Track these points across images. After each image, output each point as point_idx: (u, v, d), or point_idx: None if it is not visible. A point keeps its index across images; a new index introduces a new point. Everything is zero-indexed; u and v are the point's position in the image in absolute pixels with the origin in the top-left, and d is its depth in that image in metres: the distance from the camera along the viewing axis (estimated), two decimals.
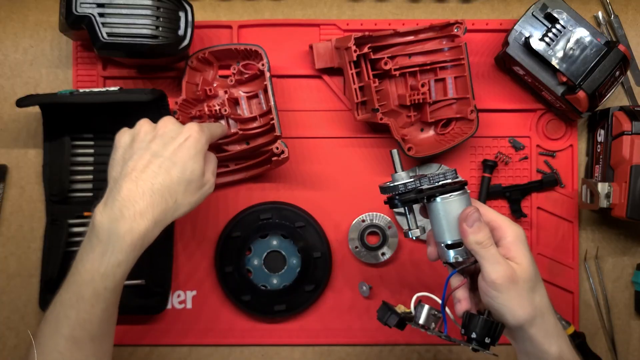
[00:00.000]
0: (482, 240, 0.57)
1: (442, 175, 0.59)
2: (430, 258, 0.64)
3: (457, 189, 0.59)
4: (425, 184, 0.59)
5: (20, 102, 0.76)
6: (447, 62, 0.81)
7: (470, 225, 0.58)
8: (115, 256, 0.58)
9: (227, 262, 0.82)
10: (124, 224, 0.58)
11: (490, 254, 0.57)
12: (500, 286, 0.56)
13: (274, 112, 0.78)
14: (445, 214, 0.59)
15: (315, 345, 0.84)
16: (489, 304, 0.58)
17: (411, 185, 0.59)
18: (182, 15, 0.74)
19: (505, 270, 0.57)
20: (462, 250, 0.60)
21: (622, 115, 0.78)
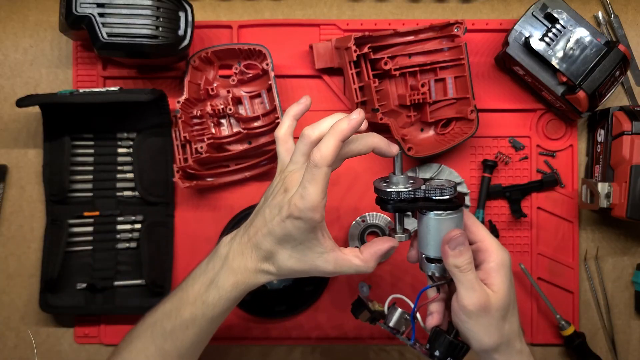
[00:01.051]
0: (461, 264, 0.56)
1: (439, 190, 0.57)
2: (410, 260, 0.62)
3: (452, 208, 0.57)
4: (420, 196, 0.57)
5: (20, 102, 0.76)
6: (447, 62, 0.81)
7: (452, 248, 0.56)
8: (220, 290, 0.59)
9: None
10: (236, 264, 0.59)
11: (467, 279, 0.56)
12: (471, 313, 0.56)
13: (279, 111, 0.78)
14: (434, 229, 0.58)
15: (315, 345, 0.84)
16: (457, 325, 0.58)
17: (405, 195, 0.57)
18: (182, 15, 0.74)
19: (478, 298, 0.56)
20: (441, 267, 0.59)
21: (622, 115, 0.78)
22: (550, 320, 0.84)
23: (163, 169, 0.82)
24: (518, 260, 0.83)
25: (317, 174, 0.53)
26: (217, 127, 0.82)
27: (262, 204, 0.60)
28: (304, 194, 0.53)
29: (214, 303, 0.59)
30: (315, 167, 0.52)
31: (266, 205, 0.58)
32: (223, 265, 0.59)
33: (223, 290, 0.59)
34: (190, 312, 0.60)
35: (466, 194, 0.82)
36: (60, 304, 0.80)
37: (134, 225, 0.82)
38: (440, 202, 0.57)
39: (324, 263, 0.57)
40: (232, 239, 0.61)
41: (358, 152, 0.57)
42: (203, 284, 0.60)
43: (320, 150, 0.53)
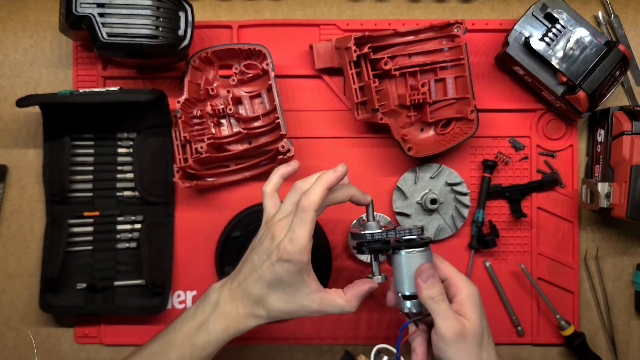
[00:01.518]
0: (434, 295, 0.61)
1: (408, 231, 0.64)
2: (389, 304, 0.67)
3: (421, 245, 0.64)
4: (392, 237, 0.64)
5: (20, 102, 0.76)
6: (447, 62, 0.81)
7: (424, 280, 0.61)
8: (210, 334, 0.62)
9: (227, 262, 0.82)
10: (227, 309, 0.62)
11: (442, 309, 0.61)
12: (450, 340, 0.60)
13: (279, 111, 0.78)
14: (406, 267, 0.63)
15: (316, 345, 0.84)
16: (439, 357, 0.62)
17: (378, 236, 0.64)
18: (182, 15, 0.74)
19: (454, 325, 0.60)
20: (416, 303, 0.64)
21: (622, 115, 0.78)
22: (550, 320, 0.84)
23: (163, 169, 0.82)
24: (518, 260, 0.83)
25: (305, 218, 0.58)
26: (217, 127, 0.82)
27: (249, 252, 0.64)
28: (293, 237, 0.58)
29: (203, 346, 0.62)
30: (304, 211, 0.58)
31: (254, 253, 0.62)
32: (214, 310, 0.63)
33: (213, 333, 0.62)
34: (178, 354, 0.62)
35: (466, 194, 0.82)
36: (60, 304, 0.80)
37: (134, 225, 0.82)
38: (409, 241, 0.64)
39: (310, 303, 0.62)
40: (222, 286, 0.64)
41: (339, 200, 0.64)
42: (192, 328, 0.63)
43: (309, 196, 0.59)
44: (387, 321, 0.84)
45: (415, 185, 0.82)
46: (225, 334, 0.62)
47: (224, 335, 0.63)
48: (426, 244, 0.64)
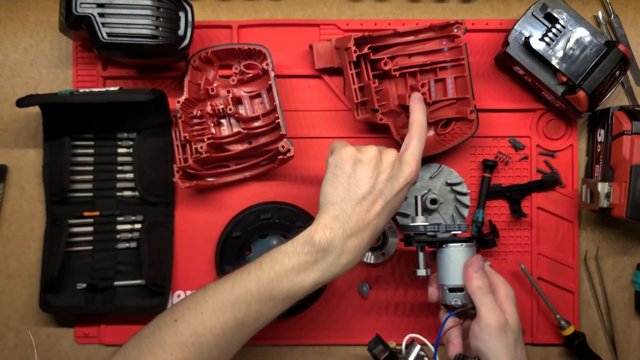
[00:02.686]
0: (483, 286, 0.65)
1: (457, 226, 0.69)
2: (431, 299, 0.71)
3: (467, 240, 0.68)
4: (442, 230, 0.69)
5: (20, 102, 0.76)
6: (447, 62, 0.81)
7: (475, 271, 0.66)
8: (330, 272, 0.62)
9: (227, 262, 0.82)
10: (349, 244, 0.62)
11: (489, 300, 0.64)
12: (494, 330, 0.63)
13: (279, 111, 0.78)
14: (453, 260, 0.68)
15: (315, 345, 0.84)
16: (478, 348, 0.64)
17: (430, 230, 0.69)
18: (182, 15, 0.74)
19: (499, 317, 0.63)
20: (461, 295, 0.67)
21: (622, 115, 0.78)
22: (550, 320, 0.84)
23: (163, 169, 0.82)
24: (518, 260, 0.83)
25: (422, 135, 0.69)
26: (217, 127, 0.82)
27: (348, 191, 0.63)
28: (414, 157, 0.66)
29: (310, 288, 0.62)
30: (421, 127, 0.69)
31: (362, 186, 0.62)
32: (328, 255, 0.61)
33: (327, 277, 0.62)
34: (284, 295, 0.61)
35: (466, 194, 0.82)
36: (60, 304, 0.80)
37: (134, 225, 0.82)
38: (457, 236, 0.69)
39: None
40: (332, 229, 0.61)
41: None
42: (313, 272, 0.61)
43: (417, 117, 0.71)
44: (386, 322, 0.84)
45: (415, 185, 0.82)
46: (335, 277, 0.62)
47: (333, 278, 0.62)
48: (473, 239, 0.69)
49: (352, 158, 0.64)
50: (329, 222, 0.62)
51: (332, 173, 0.64)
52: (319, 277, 0.61)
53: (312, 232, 0.62)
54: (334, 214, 0.62)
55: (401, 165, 0.65)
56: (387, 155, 0.64)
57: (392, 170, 0.64)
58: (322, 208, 0.64)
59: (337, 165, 0.64)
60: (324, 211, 0.63)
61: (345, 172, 0.64)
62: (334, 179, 0.64)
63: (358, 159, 0.64)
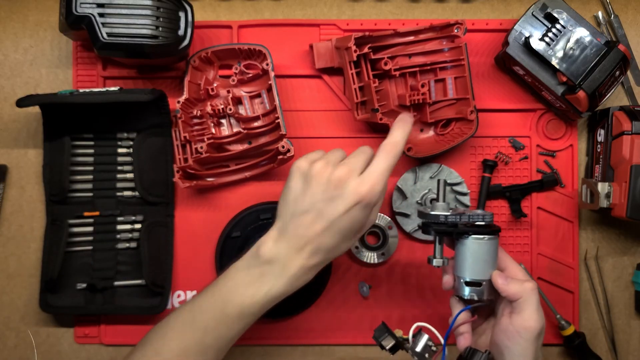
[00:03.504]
0: (532, 285, 0.61)
1: (480, 217, 0.64)
2: (445, 287, 0.67)
3: (490, 232, 0.63)
4: (464, 221, 0.64)
5: (20, 102, 0.76)
6: (447, 63, 0.81)
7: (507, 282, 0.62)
8: (277, 285, 0.60)
9: (227, 262, 0.81)
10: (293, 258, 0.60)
11: (536, 300, 0.60)
12: (532, 334, 0.59)
13: (279, 111, 0.78)
14: (473, 252, 0.63)
15: (315, 345, 0.84)
16: (503, 345, 0.61)
17: (451, 219, 0.64)
18: (182, 15, 0.74)
19: (542, 321, 0.60)
20: (479, 290, 0.63)
21: (622, 115, 0.78)
22: (550, 320, 0.84)
23: (163, 169, 0.82)
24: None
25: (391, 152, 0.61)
26: (217, 127, 0.82)
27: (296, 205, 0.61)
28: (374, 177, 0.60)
29: (265, 300, 0.60)
30: (392, 145, 0.62)
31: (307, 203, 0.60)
32: (273, 267, 0.60)
33: (276, 291, 0.60)
34: (238, 310, 0.61)
35: (466, 194, 0.82)
36: (60, 304, 0.80)
37: (134, 225, 0.82)
38: (483, 227, 0.63)
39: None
40: (276, 242, 0.61)
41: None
42: (251, 285, 0.60)
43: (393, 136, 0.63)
44: (386, 322, 0.84)
45: (415, 185, 0.82)
46: (289, 290, 0.61)
47: (288, 292, 0.61)
48: (496, 232, 0.64)
49: (299, 171, 0.61)
50: (274, 234, 0.61)
51: (285, 184, 0.63)
52: (268, 290, 0.60)
53: (259, 244, 0.61)
54: (280, 227, 0.61)
55: (351, 183, 0.59)
56: (338, 171, 0.60)
57: (335, 189, 0.59)
58: (275, 219, 0.63)
59: (289, 176, 0.62)
60: (274, 223, 0.62)
61: (292, 185, 0.61)
62: (284, 191, 0.62)
63: (305, 173, 0.61)
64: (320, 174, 0.59)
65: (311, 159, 0.62)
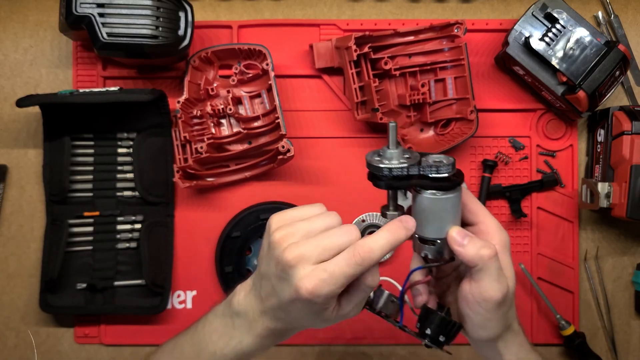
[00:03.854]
0: (487, 251, 0.51)
1: (435, 168, 0.51)
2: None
3: (448, 187, 0.52)
4: (415, 173, 0.52)
5: (20, 102, 0.76)
6: (447, 63, 0.81)
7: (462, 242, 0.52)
8: (246, 341, 0.55)
9: (227, 262, 0.82)
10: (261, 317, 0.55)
11: (495, 268, 0.51)
12: (493, 305, 0.52)
13: (279, 111, 0.78)
14: (430, 210, 0.53)
15: (315, 345, 0.84)
16: (468, 316, 0.54)
17: (397, 172, 0.52)
18: (182, 15, 0.74)
19: (503, 288, 0.52)
20: (434, 249, 0.54)
21: (622, 115, 0.78)
22: (550, 320, 0.84)
23: (163, 169, 0.82)
24: (518, 260, 0.83)
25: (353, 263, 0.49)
26: (217, 127, 0.82)
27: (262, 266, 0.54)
28: (325, 278, 0.49)
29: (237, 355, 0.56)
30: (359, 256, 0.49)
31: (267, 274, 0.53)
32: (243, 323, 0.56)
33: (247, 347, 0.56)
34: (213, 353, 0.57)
35: None
36: (60, 304, 0.80)
37: (134, 225, 0.82)
38: (436, 180, 0.52)
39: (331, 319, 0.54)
40: (247, 295, 0.56)
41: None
42: (224, 336, 0.56)
43: (374, 241, 0.50)
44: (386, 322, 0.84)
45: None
46: (259, 349, 0.56)
47: (258, 350, 0.56)
48: (455, 187, 0.53)
49: (268, 228, 0.53)
50: (248, 285, 0.56)
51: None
52: (237, 345, 0.55)
53: (235, 292, 0.56)
54: (254, 279, 0.55)
55: (297, 273, 0.49)
56: (287, 252, 0.49)
57: (282, 271, 0.50)
58: None
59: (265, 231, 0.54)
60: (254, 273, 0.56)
61: (263, 242, 0.54)
62: (262, 246, 0.55)
63: (268, 235, 0.52)
64: (276, 246, 0.50)
65: (283, 219, 0.53)
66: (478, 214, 0.56)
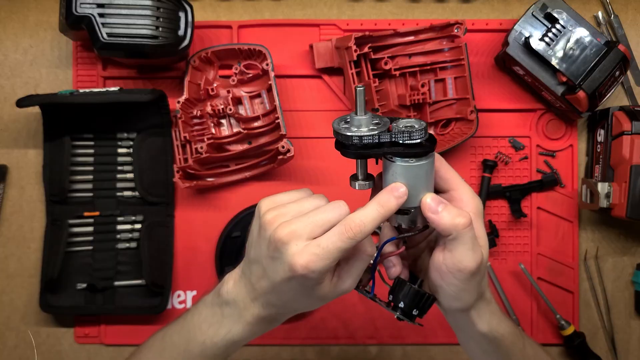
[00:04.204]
0: (461, 219, 0.49)
1: (407, 135, 0.49)
2: None
3: (421, 154, 0.50)
4: (386, 140, 0.49)
5: (20, 103, 0.76)
6: (447, 63, 0.81)
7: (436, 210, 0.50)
8: (235, 330, 0.55)
9: (227, 262, 0.82)
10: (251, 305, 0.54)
11: (469, 237, 0.50)
12: (467, 275, 0.50)
13: (279, 111, 0.78)
14: (402, 178, 0.51)
15: (315, 345, 0.84)
16: (440, 287, 0.53)
17: (367, 140, 0.49)
18: (182, 16, 0.74)
19: (477, 258, 0.50)
20: (407, 219, 0.52)
21: (622, 115, 0.78)
22: (550, 320, 0.84)
23: (163, 169, 0.82)
24: (518, 260, 0.83)
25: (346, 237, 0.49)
26: (217, 127, 0.82)
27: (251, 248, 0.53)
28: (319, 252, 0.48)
29: (226, 345, 0.56)
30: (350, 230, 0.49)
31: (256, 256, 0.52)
32: (233, 312, 0.55)
33: (237, 336, 0.56)
34: (201, 350, 0.57)
35: None
36: (60, 304, 0.80)
37: (134, 225, 0.82)
38: (409, 147, 0.49)
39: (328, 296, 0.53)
40: (236, 284, 0.55)
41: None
42: (213, 325, 0.56)
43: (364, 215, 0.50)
44: (386, 322, 0.84)
45: None
46: (249, 336, 0.56)
47: (248, 337, 0.56)
48: (429, 152, 0.50)
49: (257, 213, 0.52)
50: (237, 274, 0.55)
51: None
52: (226, 334, 0.55)
53: (223, 281, 0.56)
54: (242, 268, 0.55)
55: (289, 250, 0.48)
56: (279, 230, 0.49)
57: (275, 250, 0.49)
58: None
59: (253, 217, 0.54)
60: (242, 260, 0.56)
61: (252, 227, 0.53)
62: (250, 232, 0.54)
63: (259, 217, 0.51)
64: (267, 226, 0.50)
65: (273, 202, 0.52)
66: (451, 180, 0.54)
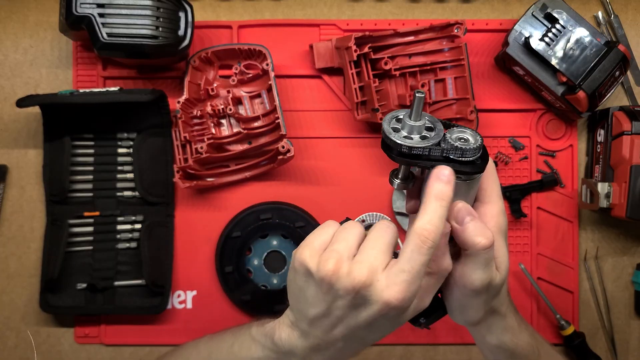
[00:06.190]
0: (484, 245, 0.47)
1: (459, 152, 0.46)
2: (409, 211, 0.53)
3: (471, 173, 0.47)
4: (437, 155, 0.47)
5: (20, 103, 0.76)
6: (447, 63, 0.81)
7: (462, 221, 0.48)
8: None
9: (227, 262, 0.82)
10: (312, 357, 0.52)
11: (484, 259, 0.48)
12: (473, 292, 0.49)
13: (279, 111, 0.78)
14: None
15: None
16: (444, 295, 0.52)
17: (417, 152, 0.47)
18: (182, 16, 0.74)
19: (489, 279, 0.49)
20: None
21: (622, 115, 0.78)
22: (550, 320, 0.84)
23: (163, 169, 0.82)
24: (518, 260, 0.83)
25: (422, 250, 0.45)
26: (217, 127, 0.82)
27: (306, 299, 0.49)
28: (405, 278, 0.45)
29: None
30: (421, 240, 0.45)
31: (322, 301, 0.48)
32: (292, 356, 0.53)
33: None
34: None
35: None
36: (61, 304, 0.80)
37: (134, 225, 0.82)
38: (460, 165, 0.47)
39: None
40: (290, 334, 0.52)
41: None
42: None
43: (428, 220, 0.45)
44: None
45: None
46: None
47: None
48: (480, 172, 0.48)
49: (302, 268, 0.47)
50: (289, 326, 0.52)
51: (289, 274, 0.50)
52: None
53: (274, 327, 0.53)
54: (293, 320, 0.52)
55: (376, 287, 0.45)
56: (355, 273, 0.45)
57: (355, 297, 0.45)
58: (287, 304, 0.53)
59: (292, 267, 0.49)
60: (289, 308, 0.53)
61: (296, 282, 0.49)
62: (290, 283, 0.50)
63: (309, 272, 0.47)
64: (332, 278, 0.45)
65: (316, 249, 0.48)
66: (488, 193, 0.52)
